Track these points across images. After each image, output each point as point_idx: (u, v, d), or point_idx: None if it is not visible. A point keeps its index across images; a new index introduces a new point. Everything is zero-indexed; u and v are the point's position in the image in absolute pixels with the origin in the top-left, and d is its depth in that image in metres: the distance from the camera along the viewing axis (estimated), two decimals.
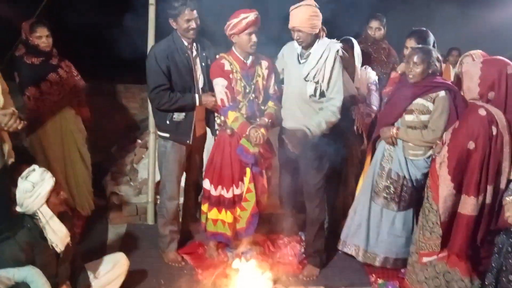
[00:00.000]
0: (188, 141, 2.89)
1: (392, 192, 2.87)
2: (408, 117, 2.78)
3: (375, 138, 3.02)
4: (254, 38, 2.71)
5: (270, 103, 2.96)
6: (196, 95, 2.82)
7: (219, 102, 2.81)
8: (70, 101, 3.36)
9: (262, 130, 2.72)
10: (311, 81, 2.78)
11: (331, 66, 2.76)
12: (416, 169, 2.80)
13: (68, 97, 3.33)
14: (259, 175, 2.94)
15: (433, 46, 3.01)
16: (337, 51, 2.79)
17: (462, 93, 2.61)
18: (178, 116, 2.84)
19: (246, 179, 2.89)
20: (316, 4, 2.74)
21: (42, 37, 3.15)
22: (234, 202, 2.96)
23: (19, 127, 2.26)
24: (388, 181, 2.87)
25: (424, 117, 2.72)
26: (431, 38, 3.04)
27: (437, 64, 2.72)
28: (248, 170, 2.88)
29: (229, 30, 2.73)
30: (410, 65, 2.71)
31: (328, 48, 2.77)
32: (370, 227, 2.98)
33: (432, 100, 2.68)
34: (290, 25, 2.76)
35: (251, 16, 2.66)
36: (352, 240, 3.06)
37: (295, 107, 2.89)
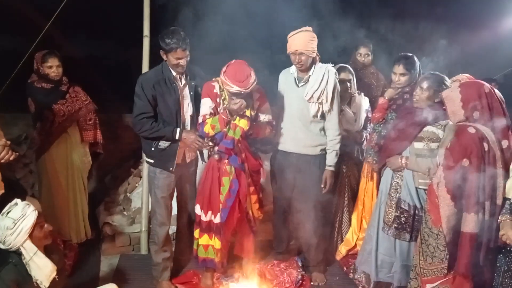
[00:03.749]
0: (171, 168, 2.87)
1: (403, 222, 2.83)
2: (417, 145, 2.74)
3: (381, 166, 3.00)
4: (235, 99, 2.69)
5: (264, 121, 2.93)
6: (178, 130, 2.79)
7: (200, 119, 2.81)
8: (72, 122, 3.42)
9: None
10: (314, 102, 2.90)
11: (332, 87, 2.91)
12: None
13: (71, 118, 3.40)
14: (242, 174, 2.87)
15: (419, 71, 2.99)
16: (335, 73, 2.95)
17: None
18: (163, 144, 2.84)
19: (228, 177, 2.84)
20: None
21: (52, 67, 3.31)
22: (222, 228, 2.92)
23: (11, 158, 2.26)
24: (398, 211, 2.84)
25: (434, 145, 2.68)
26: (417, 63, 3.01)
27: None
28: (231, 168, 2.83)
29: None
30: (417, 89, 2.72)
31: (327, 71, 2.92)
32: (378, 256, 2.97)
33: (442, 128, 2.67)
34: (292, 49, 2.86)
35: (235, 88, 2.63)
36: (362, 267, 3.10)
37: (296, 128, 3.01)
